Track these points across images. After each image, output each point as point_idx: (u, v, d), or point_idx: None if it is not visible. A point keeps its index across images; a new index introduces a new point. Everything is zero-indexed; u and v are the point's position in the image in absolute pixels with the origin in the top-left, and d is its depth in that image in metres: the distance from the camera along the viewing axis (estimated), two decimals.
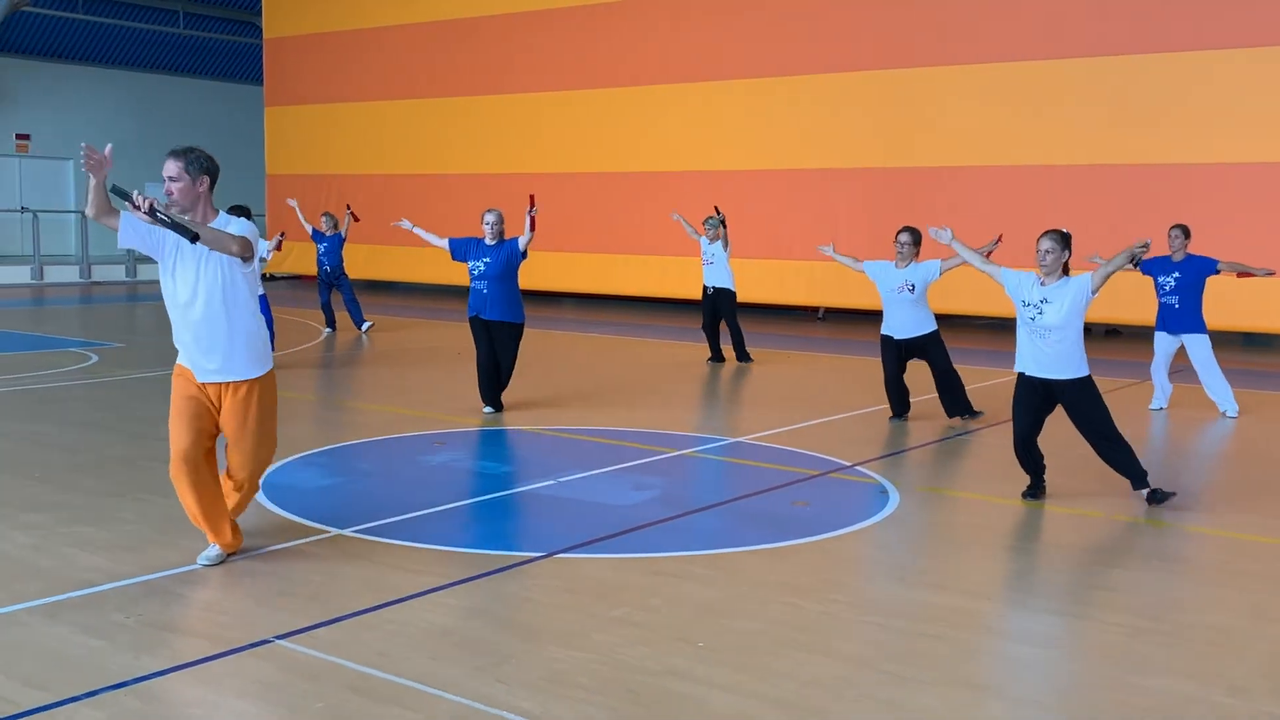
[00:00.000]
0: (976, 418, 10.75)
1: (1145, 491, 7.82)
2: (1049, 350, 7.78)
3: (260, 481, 6.73)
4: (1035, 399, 7.89)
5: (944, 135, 19.34)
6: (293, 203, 19.43)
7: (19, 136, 30.69)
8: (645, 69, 22.49)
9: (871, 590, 6.06)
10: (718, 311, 14.96)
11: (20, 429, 9.69)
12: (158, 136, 32.77)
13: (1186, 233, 11.44)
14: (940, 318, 11.09)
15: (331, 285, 17.96)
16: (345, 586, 5.71)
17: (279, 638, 4.99)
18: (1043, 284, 7.81)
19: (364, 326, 17.86)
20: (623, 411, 11.10)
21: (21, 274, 26.97)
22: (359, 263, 25.99)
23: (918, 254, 10.65)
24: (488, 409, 10.85)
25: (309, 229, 18.29)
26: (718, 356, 15.06)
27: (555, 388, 12.53)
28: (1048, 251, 7.77)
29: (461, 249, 10.90)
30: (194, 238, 5.59)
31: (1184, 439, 10.71)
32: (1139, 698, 4.64)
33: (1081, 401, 7.87)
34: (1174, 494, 7.85)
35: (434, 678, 4.61)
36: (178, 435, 5.90)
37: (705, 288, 15.02)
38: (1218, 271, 11.33)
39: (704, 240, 15.01)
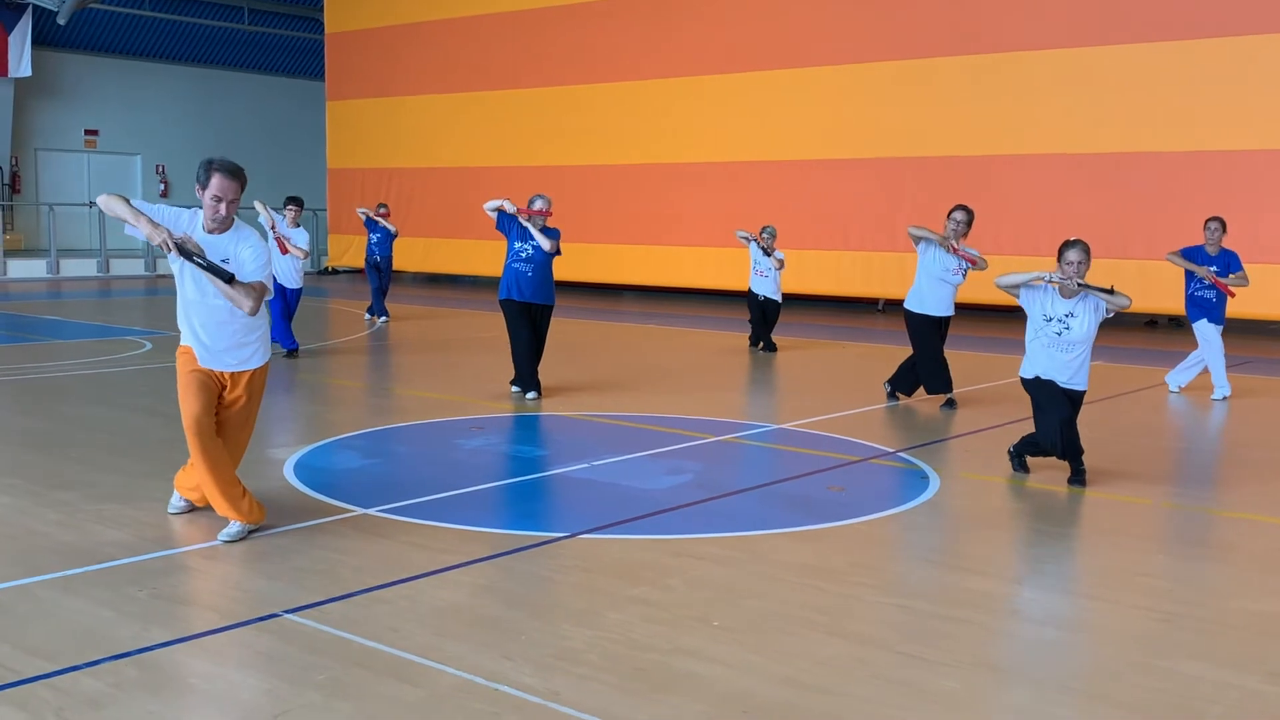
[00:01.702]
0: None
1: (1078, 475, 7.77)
2: (1073, 363, 7.70)
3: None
4: (1060, 393, 7.71)
5: (1005, 122, 19.01)
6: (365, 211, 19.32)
7: (88, 132, 31.16)
8: (705, 59, 22.34)
9: (898, 573, 5.90)
10: (766, 314, 15.02)
11: (68, 411, 9.78)
12: (223, 132, 33.21)
13: (1224, 226, 11.30)
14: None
15: (379, 271, 18.05)
16: (361, 563, 5.66)
17: (287, 612, 4.94)
18: (1066, 298, 7.65)
19: (371, 317, 17.94)
20: (666, 398, 10.98)
21: (89, 267, 27.38)
22: (415, 256, 26.15)
23: (967, 235, 10.49)
24: (531, 394, 10.77)
25: (362, 215, 18.45)
26: (769, 345, 14.97)
27: (600, 375, 12.44)
28: (1081, 264, 7.60)
29: (507, 223, 10.83)
30: (229, 279, 5.74)
31: (1239, 425, 10.42)
32: (1169, 683, 4.46)
33: (1079, 406, 7.87)
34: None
35: (439, 653, 4.53)
36: (188, 402, 5.95)
37: (756, 295, 15.02)
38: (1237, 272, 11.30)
39: (757, 250, 14.97)
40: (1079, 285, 7.59)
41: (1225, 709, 4.23)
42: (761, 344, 15.04)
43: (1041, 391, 7.76)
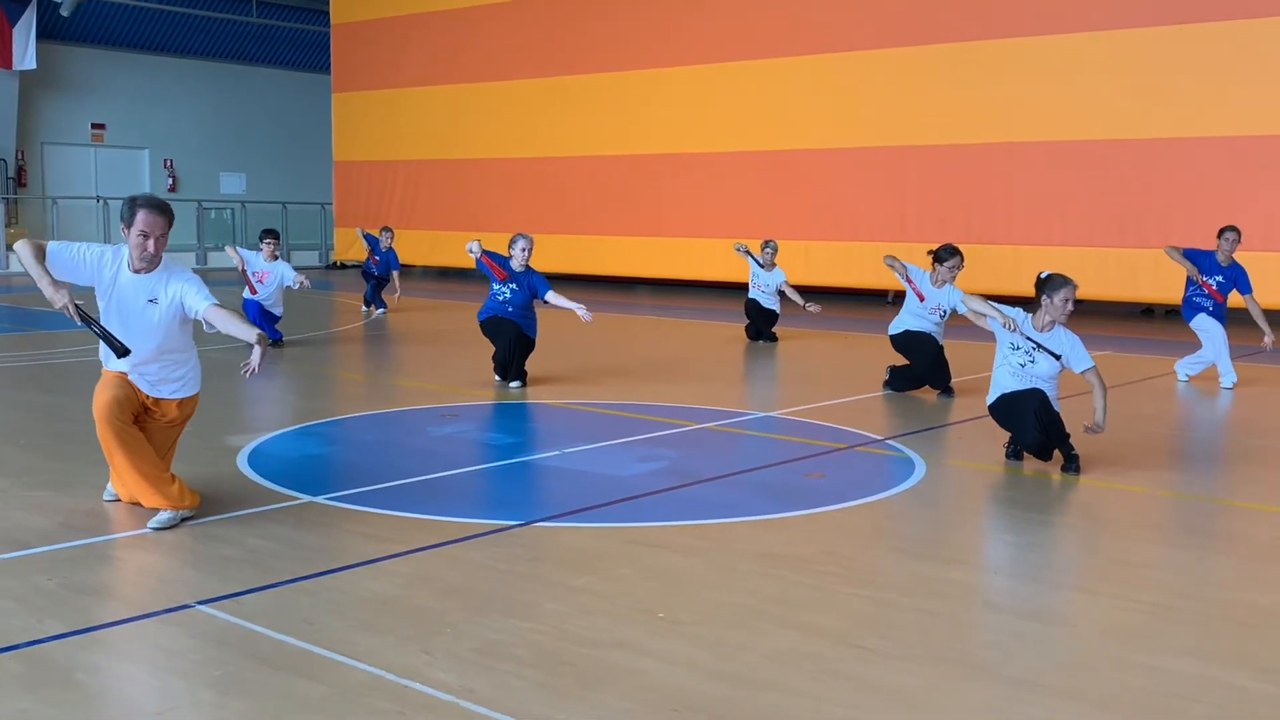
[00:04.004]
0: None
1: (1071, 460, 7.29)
2: None
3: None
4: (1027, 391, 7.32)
5: (1017, 109, 18.53)
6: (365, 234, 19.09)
7: (94, 126, 30.90)
8: (708, 47, 21.92)
9: (868, 562, 5.50)
10: (764, 316, 14.61)
11: (29, 399, 9.49)
12: (231, 126, 32.97)
13: (1240, 237, 10.94)
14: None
15: (376, 278, 17.72)
16: (295, 552, 5.31)
17: (201, 603, 4.59)
18: (1038, 330, 7.27)
19: (368, 308, 17.59)
20: (657, 386, 10.60)
21: None
22: (422, 250, 25.83)
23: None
24: (514, 384, 10.42)
25: (362, 235, 18.25)
26: (769, 337, 14.57)
27: (591, 364, 12.09)
28: (1072, 302, 7.26)
29: (486, 270, 10.56)
30: (124, 352, 5.50)
31: (1247, 414, 9.98)
32: (1148, 680, 4.07)
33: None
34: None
35: (353, 647, 4.18)
36: (102, 392, 5.72)
37: (756, 301, 14.64)
38: (1244, 294, 10.97)
39: (756, 265, 14.62)
40: (1029, 341, 7.26)
41: (1208, 708, 3.85)
42: (761, 338, 14.60)
43: (1009, 405, 7.36)
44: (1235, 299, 11.08)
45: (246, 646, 4.17)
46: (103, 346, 5.75)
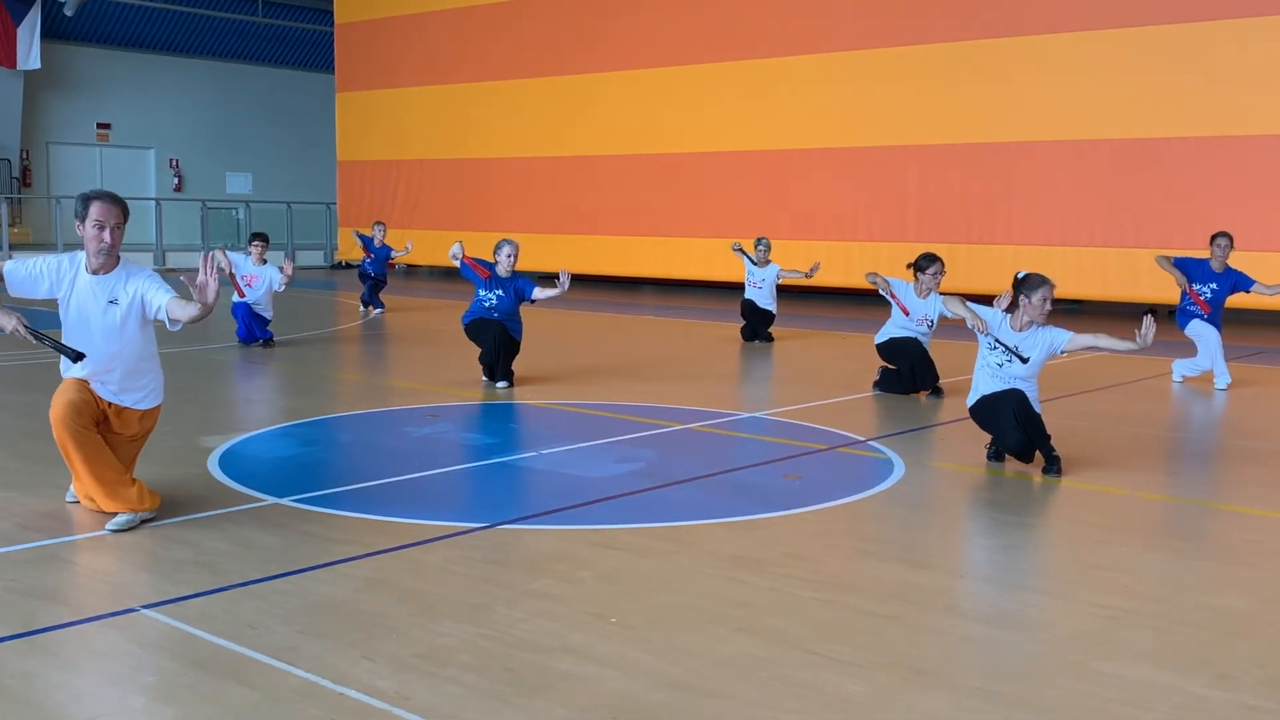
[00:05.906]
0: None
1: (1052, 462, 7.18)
2: None
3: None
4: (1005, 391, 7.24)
5: (1014, 109, 18.41)
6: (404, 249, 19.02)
7: (100, 126, 30.99)
8: (708, 47, 21.83)
9: (833, 565, 5.41)
10: (762, 320, 14.50)
11: (8, 399, 9.44)
12: (237, 125, 33.02)
13: (1233, 242, 10.80)
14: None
15: (373, 278, 17.67)
16: (251, 555, 5.25)
17: (146, 607, 4.53)
18: (1017, 330, 7.18)
19: (366, 308, 17.52)
20: (646, 386, 10.52)
21: None
22: (425, 249, 25.78)
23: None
24: (501, 383, 10.35)
25: (356, 235, 18.22)
26: (765, 337, 14.49)
27: (581, 364, 12.03)
28: (1050, 301, 7.19)
29: (470, 271, 10.51)
30: (78, 357, 5.47)
31: (1238, 416, 9.87)
32: (1102, 686, 3.99)
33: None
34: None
35: (293, 653, 4.11)
36: (56, 400, 5.64)
37: (752, 302, 14.55)
38: (1249, 290, 10.71)
39: (750, 263, 14.57)
40: (994, 339, 7.18)
41: (1159, 716, 3.76)
42: (757, 338, 14.53)
43: (988, 407, 7.27)
44: (1242, 299, 10.95)
45: (184, 651, 4.11)
46: (63, 360, 5.71)
